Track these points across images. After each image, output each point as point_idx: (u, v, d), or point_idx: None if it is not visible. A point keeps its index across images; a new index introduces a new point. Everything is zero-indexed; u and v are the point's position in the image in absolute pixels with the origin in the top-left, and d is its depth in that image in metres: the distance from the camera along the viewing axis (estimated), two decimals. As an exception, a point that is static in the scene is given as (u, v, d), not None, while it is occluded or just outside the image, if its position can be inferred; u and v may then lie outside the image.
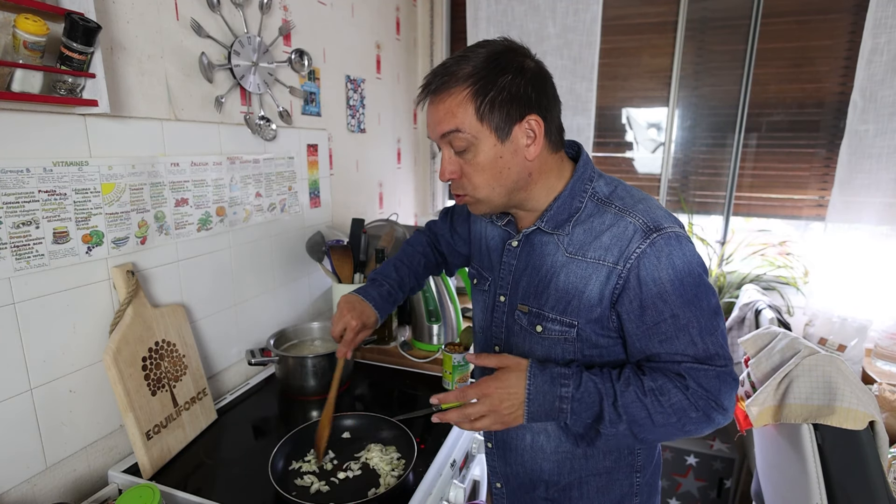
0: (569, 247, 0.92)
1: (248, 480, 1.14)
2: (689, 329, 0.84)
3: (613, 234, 0.88)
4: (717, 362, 0.85)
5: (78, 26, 0.92)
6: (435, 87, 0.88)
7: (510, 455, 1.09)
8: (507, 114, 0.86)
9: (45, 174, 1.00)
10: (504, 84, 0.85)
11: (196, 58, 1.34)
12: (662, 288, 0.84)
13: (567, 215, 0.93)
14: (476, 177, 0.90)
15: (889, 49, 2.00)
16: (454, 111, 0.86)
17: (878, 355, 2.08)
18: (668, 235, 0.85)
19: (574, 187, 0.94)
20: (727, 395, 0.85)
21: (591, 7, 2.38)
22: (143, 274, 1.25)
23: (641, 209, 0.88)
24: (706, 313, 0.85)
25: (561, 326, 0.92)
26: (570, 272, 0.91)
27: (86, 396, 1.14)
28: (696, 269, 0.85)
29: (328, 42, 1.93)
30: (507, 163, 0.89)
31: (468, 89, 0.85)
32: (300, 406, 1.47)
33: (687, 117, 2.47)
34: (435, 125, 0.89)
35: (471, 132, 0.86)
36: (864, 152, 2.11)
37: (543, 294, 0.94)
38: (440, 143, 0.91)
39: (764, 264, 2.43)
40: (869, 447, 1.27)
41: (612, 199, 0.92)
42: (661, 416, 0.84)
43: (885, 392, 1.80)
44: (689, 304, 0.84)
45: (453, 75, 0.86)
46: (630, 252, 0.85)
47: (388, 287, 1.23)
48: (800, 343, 1.42)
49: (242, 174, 1.53)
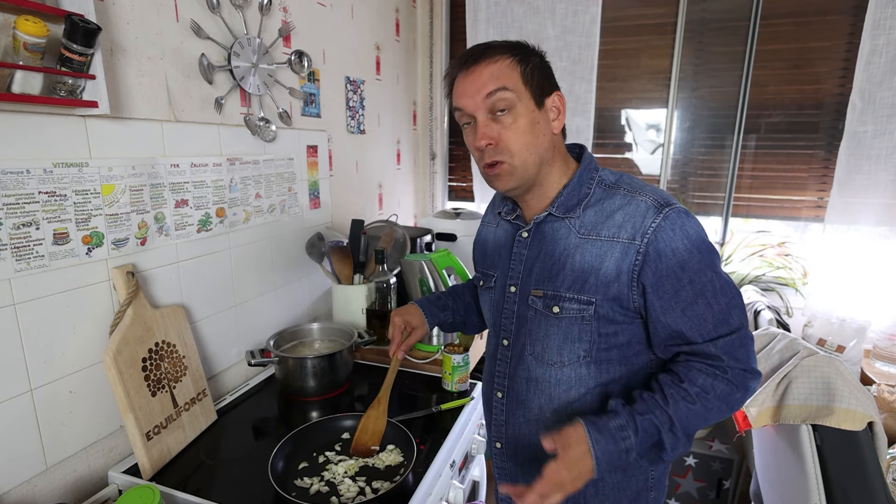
0: (581, 229, 0.95)
1: (247, 481, 1.14)
2: (706, 293, 0.88)
3: (626, 213, 0.91)
4: (735, 325, 0.89)
5: (78, 28, 0.93)
6: (477, 56, 0.92)
7: (521, 453, 1.08)
8: (542, 84, 0.93)
9: (46, 175, 1.00)
10: (536, 62, 0.94)
11: (196, 59, 1.34)
12: (680, 257, 0.88)
13: (577, 200, 0.97)
14: (515, 142, 0.92)
15: (888, 50, 2.01)
16: (499, 73, 0.91)
17: (877, 356, 2.08)
18: (678, 209, 0.90)
19: (582, 175, 0.99)
20: (753, 358, 0.90)
21: (591, 8, 2.38)
22: (143, 275, 1.25)
23: (650, 189, 0.94)
24: (722, 277, 0.90)
25: (579, 305, 0.94)
26: (585, 251, 0.93)
27: (86, 397, 1.14)
28: (706, 238, 0.91)
29: (328, 43, 1.93)
30: (542, 129, 0.94)
31: (511, 58, 0.92)
32: (300, 407, 1.47)
33: (686, 118, 2.48)
34: (479, 88, 0.91)
35: (516, 91, 0.91)
36: (863, 153, 2.11)
37: (559, 276, 0.96)
38: (478, 109, 0.92)
39: (763, 265, 2.43)
40: (868, 448, 1.27)
41: (620, 184, 0.97)
42: (714, 411, 0.89)
43: (884, 393, 1.80)
44: (704, 270, 0.88)
45: (494, 48, 0.93)
46: (646, 227, 0.89)
47: (439, 294, 1.32)
48: (799, 344, 1.42)
49: (242, 175, 1.53)
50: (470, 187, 2.92)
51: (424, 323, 1.24)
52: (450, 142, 2.98)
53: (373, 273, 1.80)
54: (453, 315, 1.29)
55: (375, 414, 1.19)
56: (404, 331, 1.21)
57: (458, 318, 1.30)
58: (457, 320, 1.30)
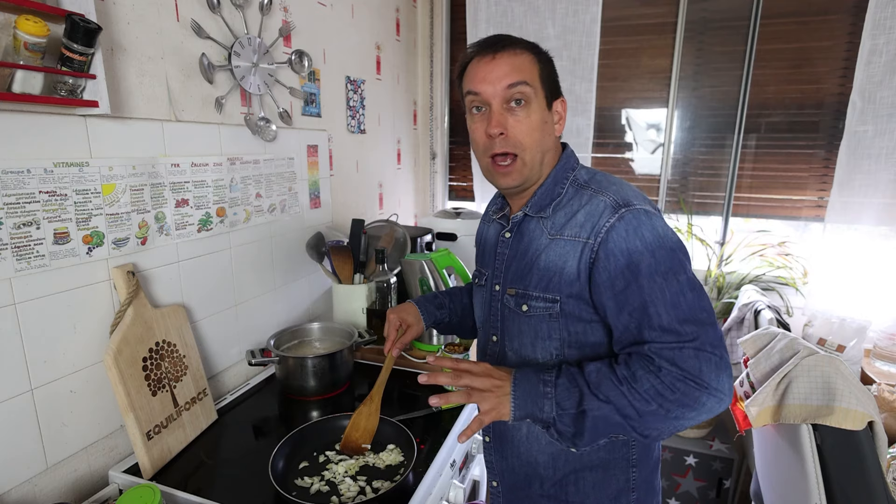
0: (551, 229, 0.97)
1: (248, 481, 1.14)
2: (655, 300, 0.84)
3: (587, 212, 0.92)
4: (684, 337, 0.81)
5: (78, 27, 0.93)
6: (504, 45, 0.94)
7: (506, 447, 1.09)
8: (552, 88, 0.98)
9: (46, 175, 1.01)
10: (549, 64, 0.98)
11: (196, 59, 1.34)
12: (630, 259, 0.86)
13: (549, 199, 0.99)
14: (527, 136, 0.95)
15: (888, 50, 2.01)
16: (522, 67, 0.93)
17: (877, 356, 2.08)
18: (636, 211, 0.88)
19: (557, 174, 1.00)
20: (711, 374, 0.80)
21: (591, 8, 2.38)
22: (143, 274, 1.25)
23: (614, 189, 0.93)
24: (676, 285, 0.84)
25: (544, 303, 0.96)
26: (551, 251, 0.95)
27: (86, 397, 1.14)
28: (667, 242, 0.87)
29: (328, 43, 1.93)
30: (549, 129, 0.98)
31: (532, 55, 0.95)
32: (300, 406, 1.47)
33: (686, 118, 2.48)
34: (501, 77, 0.93)
35: (534, 87, 0.94)
36: (863, 153, 2.11)
37: (528, 275, 0.98)
38: (495, 97, 0.94)
39: (763, 265, 2.43)
40: (868, 447, 1.27)
41: (590, 182, 0.98)
42: (641, 402, 0.82)
43: (884, 392, 1.80)
44: (656, 275, 0.84)
45: (516, 42, 0.95)
46: (600, 226, 0.89)
47: (436, 293, 1.32)
48: (799, 343, 1.42)
49: (243, 175, 1.53)
50: (470, 187, 2.92)
51: (420, 321, 1.24)
52: (450, 141, 2.97)
53: (373, 273, 1.80)
54: (450, 315, 1.29)
55: (367, 411, 1.20)
56: (399, 328, 1.21)
57: (454, 318, 1.30)
58: (453, 321, 1.30)
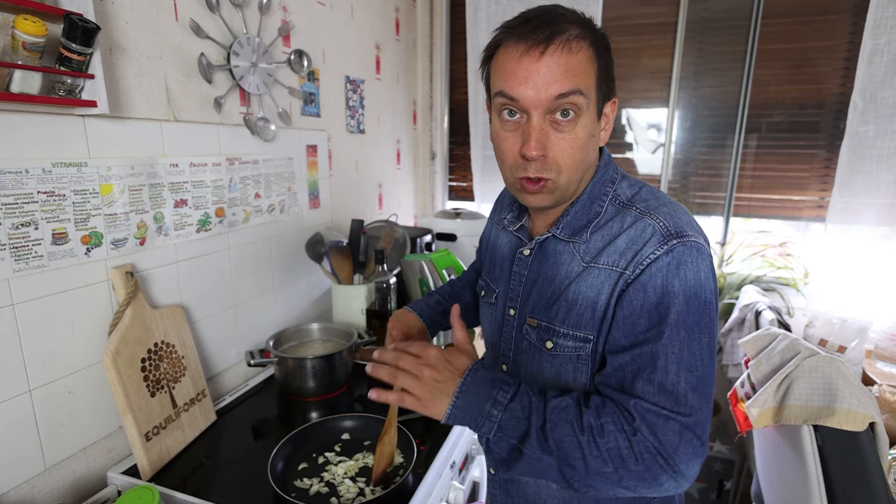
0: (585, 255, 0.82)
1: (247, 482, 1.14)
2: (669, 354, 0.72)
3: (629, 237, 0.77)
4: (682, 409, 0.71)
5: (77, 27, 0.92)
6: (556, 31, 0.72)
7: (511, 486, 0.99)
8: (607, 88, 0.78)
9: (44, 175, 1.00)
10: (609, 56, 0.76)
11: (195, 58, 1.34)
12: (662, 299, 0.73)
13: (585, 221, 0.83)
14: (569, 157, 0.76)
15: (889, 50, 2.00)
16: (579, 68, 0.73)
17: (879, 356, 2.08)
18: (689, 244, 0.74)
19: (594, 190, 0.84)
20: (686, 458, 0.70)
21: (591, 8, 2.37)
22: (142, 275, 1.25)
23: (665, 212, 0.78)
24: (698, 346, 0.73)
25: (574, 342, 0.82)
26: (583, 282, 0.80)
27: (85, 398, 1.14)
28: (706, 293, 0.74)
29: (327, 43, 1.93)
30: (594, 144, 0.79)
31: (592, 47, 0.73)
32: (300, 407, 1.47)
33: (687, 118, 2.47)
34: (551, 82, 0.72)
35: (588, 97, 0.74)
36: (865, 153, 2.11)
37: (554, 306, 0.84)
38: (539, 106, 0.74)
39: (764, 265, 2.43)
40: (869, 448, 1.27)
41: (634, 201, 0.82)
42: (597, 460, 0.71)
43: (886, 393, 1.79)
44: (681, 327, 0.73)
45: (572, 23, 0.73)
46: (643, 257, 0.75)
47: (437, 297, 1.22)
48: (800, 344, 1.42)
49: (241, 175, 1.53)
50: (470, 187, 2.91)
51: (425, 333, 1.15)
52: (450, 141, 2.97)
53: (373, 273, 1.80)
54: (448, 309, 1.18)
55: (389, 439, 1.10)
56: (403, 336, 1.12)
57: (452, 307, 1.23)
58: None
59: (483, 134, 2.71)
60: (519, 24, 0.74)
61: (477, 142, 2.74)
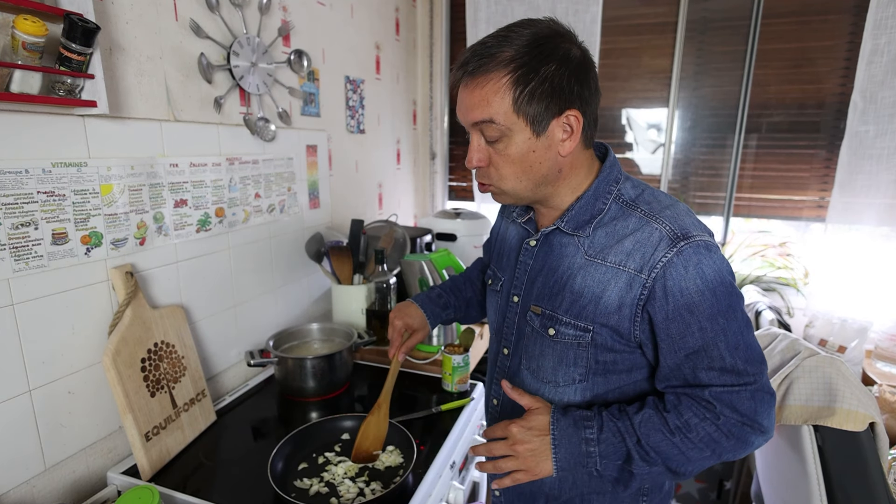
0: (589, 249, 0.87)
1: (247, 482, 1.13)
2: (718, 342, 0.80)
3: (637, 240, 0.83)
4: (746, 379, 0.80)
5: (77, 27, 0.92)
6: (472, 68, 0.82)
7: None
8: (546, 107, 0.81)
9: (44, 175, 1.00)
10: (547, 74, 0.79)
11: (195, 58, 1.34)
12: (690, 299, 0.79)
13: (589, 216, 0.89)
14: (504, 168, 0.86)
15: (889, 50, 2.00)
16: (489, 99, 0.81)
17: (879, 357, 2.08)
18: (696, 244, 0.80)
19: (598, 188, 0.89)
20: (765, 414, 0.81)
21: (591, 8, 2.38)
22: (142, 275, 1.25)
23: (669, 215, 0.83)
24: (737, 325, 0.81)
25: (575, 331, 0.88)
26: (588, 275, 0.86)
27: (85, 398, 1.14)
28: (727, 277, 0.81)
29: (327, 43, 1.92)
30: (539, 157, 0.85)
31: (508, 76, 0.79)
32: (299, 407, 1.47)
33: (687, 118, 2.47)
34: (467, 111, 0.84)
35: (505, 123, 0.81)
36: (865, 153, 2.11)
37: (558, 296, 0.90)
38: (470, 130, 0.87)
39: (764, 265, 2.43)
40: (869, 449, 1.27)
41: (638, 202, 0.87)
42: (695, 451, 0.81)
43: (886, 393, 1.79)
44: (718, 316, 0.80)
45: (493, 58, 0.80)
46: (655, 261, 0.80)
47: (439, 290, 1.27)
48: (800, 344, 1.42)
49: (241, 175, 1.53)
50: (470, 187, 2.91)
51: (426, 324, 1.20)
52: (450, 141, 2.97)
53: (373, 273, 1.79)
54: (455, 312, 1.27)
55: (376, 419, 1.18)
56: (404, 333, 1.18)
57: (458, 314, 1.28)
58: (457, 316, 1.28)
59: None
60: (458, 61, 0.85)
61: (477, 142, 2.73)
